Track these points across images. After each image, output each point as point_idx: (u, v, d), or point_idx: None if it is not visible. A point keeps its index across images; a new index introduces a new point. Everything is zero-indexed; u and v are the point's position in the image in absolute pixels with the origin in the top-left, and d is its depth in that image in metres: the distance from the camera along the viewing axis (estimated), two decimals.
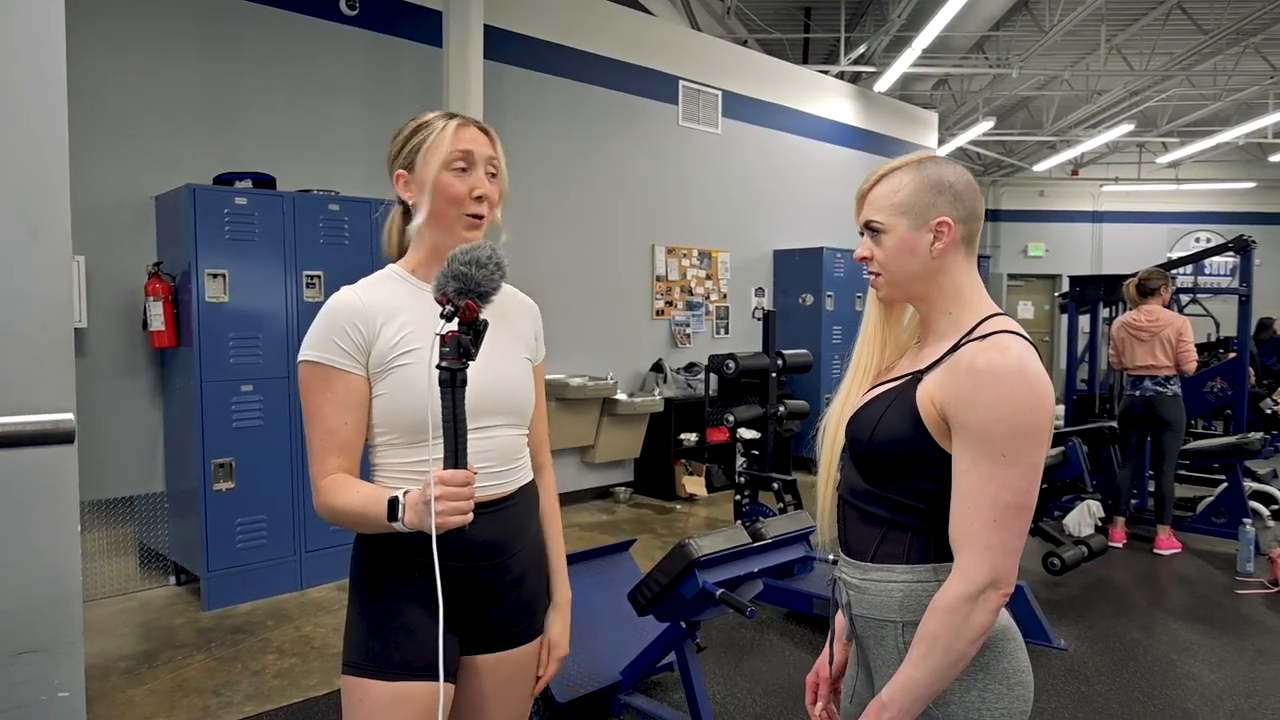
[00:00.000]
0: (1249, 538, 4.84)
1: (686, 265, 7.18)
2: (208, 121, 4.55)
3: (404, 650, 1.38)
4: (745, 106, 7.65)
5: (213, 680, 3.32)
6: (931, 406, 1.22)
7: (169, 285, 4.13)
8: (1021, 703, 1.25)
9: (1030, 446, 1.15)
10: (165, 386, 4.38)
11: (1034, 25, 8.86)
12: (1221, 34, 8.89)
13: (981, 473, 1.16)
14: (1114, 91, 10.98)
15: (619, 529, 5.69)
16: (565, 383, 5.88)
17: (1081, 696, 3.27)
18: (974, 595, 1.15)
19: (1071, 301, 6.74)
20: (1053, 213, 15.60)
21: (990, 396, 1.15)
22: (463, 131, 1.43)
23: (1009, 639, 1.26)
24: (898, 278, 1.31)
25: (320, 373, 1.38)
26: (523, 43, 5.94)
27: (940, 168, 1.30)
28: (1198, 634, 3.91)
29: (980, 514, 1.16)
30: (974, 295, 1.30)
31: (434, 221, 1.43)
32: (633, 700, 2.99)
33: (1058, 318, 14.98)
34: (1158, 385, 5.15)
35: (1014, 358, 1.17)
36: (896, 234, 1.29)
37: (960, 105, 11.80)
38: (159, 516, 4.43)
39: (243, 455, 4.13)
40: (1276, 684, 3.39)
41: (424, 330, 1.39)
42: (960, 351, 1.22)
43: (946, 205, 1.28)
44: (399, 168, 1.46)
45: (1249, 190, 15.11)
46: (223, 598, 4.09)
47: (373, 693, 1.37)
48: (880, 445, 1.26)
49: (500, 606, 1.48)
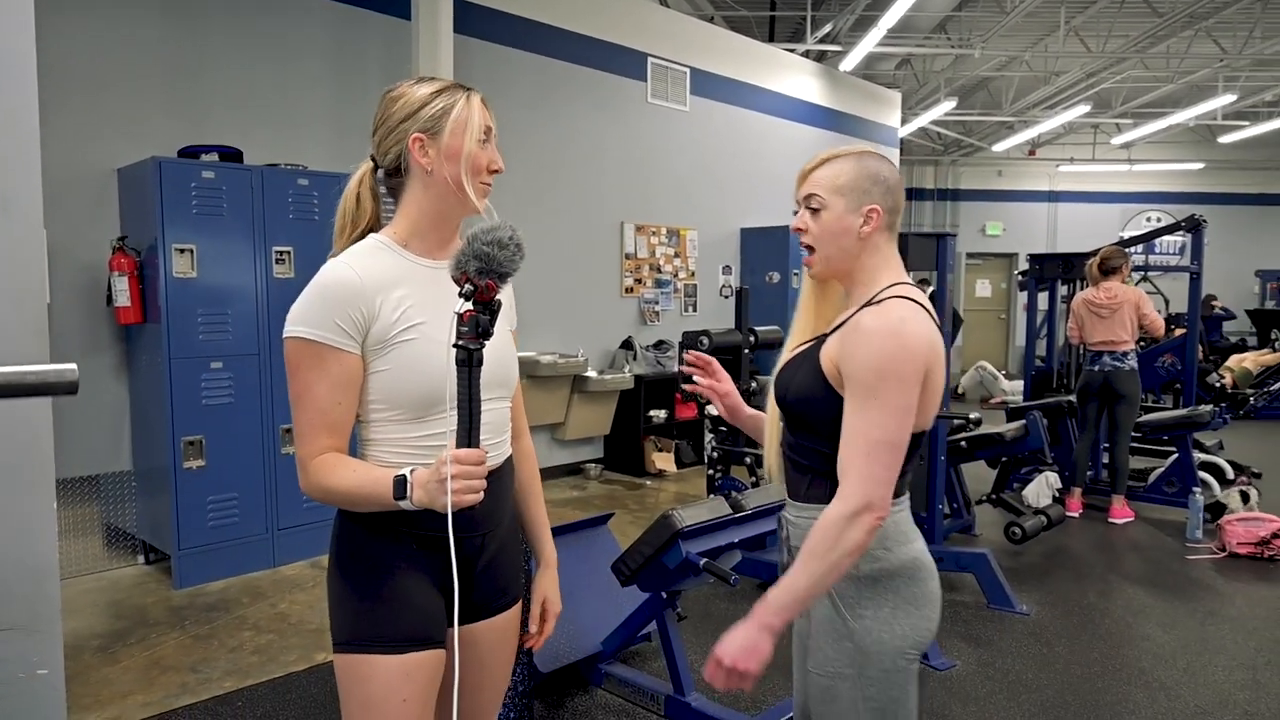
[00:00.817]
0: (1198, 506, 5.03)
1: (655, 243, 7.20)
2: (170, 92, 4.45)
3: (408, 622, 1.38)
4: (713, 84, 7.66)
5: (189, 657, 3.30)
6: (831, 364, 1.41)
7: (134, 260, 4.05)
8: (927, 622, 1.46)
9: (895, 390, 1.34)
10: (131, 363, 4.31)
11: (995, 6, 8.98)
12: (1175, 17, 9.09)
13: (857, 412, 1.36)
14: (1071, 73, 11.18)
15: (590, 505, 5.74)
16: (536, 360, 5.88)
17: (1043, 658, 3.40)
18: (850, 516, 1.33)
19: (1031, 279, 6.90)
20: (1010, 192, 15.85)
21: (865, 347, 1.36)
22: (484, 105, 1.44)
23: (922, 568, 1.47)
24: (829, 253, 1.49)
25: (315, 351, 1.33)
26: (492, 16, 5.88)
27: (878, 163, 1.50)
28: (1151, 597, 4.08)
29: (857, 448, 1.35)
30: (886, 271, 1.49)
31: (447, 191, 1.40)
32: (613, 669, 3.04)
33: (1015, 295, 15.31)
34: (1115, 360, 5.31)
35: (895, 317, 1.37)
36: (834, 212, 1.47)
37: (922, 85, 11.91)
38: (126, 495, 4.37)
39: (213, 433, 4.08)
40: (1225, 642, 3.55)
41: (425, 305, 1.38)
42: (856, 315, 1.42)
43: (879, 195, 1.47)
44: (418, 130, 1.38)
45: (1198, 171, 15.50)
46: (194, 576, 4.06)
47: (380, 668, 1.36)
48: (795, 401, 1.46)
49: (483, 576, 1.49)
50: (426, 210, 1.42)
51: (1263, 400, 9.71)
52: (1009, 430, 4.82)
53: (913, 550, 1.46)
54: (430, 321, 1.38)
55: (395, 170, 1.43)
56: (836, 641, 1.44)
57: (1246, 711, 2.97)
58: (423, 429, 1.39)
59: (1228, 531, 4.74)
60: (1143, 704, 3.02)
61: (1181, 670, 3.29)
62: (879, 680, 1.42)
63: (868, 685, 1.42)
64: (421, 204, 1.42)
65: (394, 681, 1.37)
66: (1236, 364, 10.33)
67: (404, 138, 1.39)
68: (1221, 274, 13.12)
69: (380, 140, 1.43)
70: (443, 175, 1.39)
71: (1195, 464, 5.49)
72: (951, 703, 3.03)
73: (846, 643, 1.43)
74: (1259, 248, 15.49)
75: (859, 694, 1.42)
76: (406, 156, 1.40)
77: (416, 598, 1.40)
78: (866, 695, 1.42)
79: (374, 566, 1.40)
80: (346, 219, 1.47)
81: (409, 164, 1.41)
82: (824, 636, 1.46)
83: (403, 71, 5.25)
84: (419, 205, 1.42)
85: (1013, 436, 4.76)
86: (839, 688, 1.43)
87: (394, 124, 1.41)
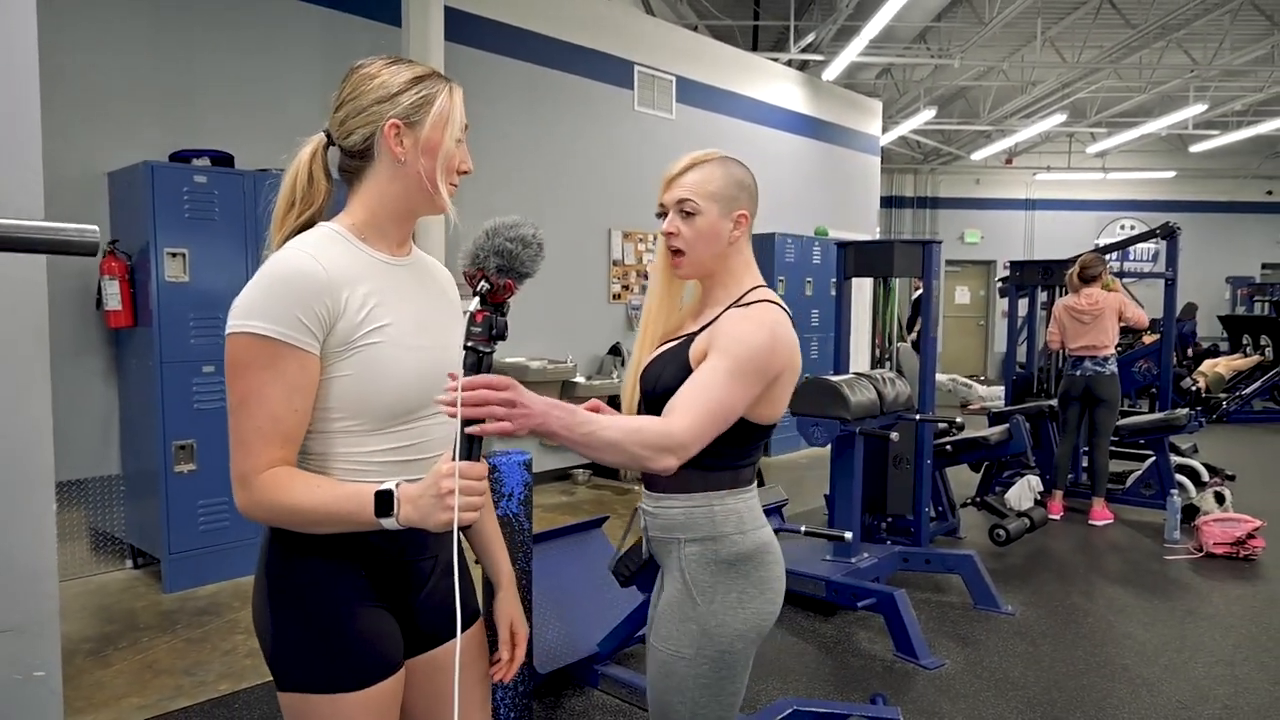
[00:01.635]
0: (1176, 508, 5.14)
1: (643, 249, 7.25)
2: (161, 96, 4.44)
3: (368, 656, 1.28)
4: (699, 92, 7.73)
5: (182, 661, 3.30)
6: (701, 359, 1.47)
7: (125, 264, 4.04)
8: (770, 604, 1.53)
9: (754, 377, 1.42)
10: (121, 367, 4.29)
11: (974, 17, 9.13)
12: (1148, 28, 9.28)
13: (717, 379, 1.40)
14: (1047, 83, 11.38)
15: (579, 510, 5.77)
16: (525, 365, 5.91)
17: (1030, 656, 3.47)
18: (668, 447, 1.35)
19: (1012, 285, 7.02)
20: (988, 200, 16.08)
21: (735, 329, 1.45)
22: (457, 98, 1.34)
23: (768, 553, 1.54)
24: (700, 257, 1.54)
25: (270, 349, 1.17)
26: (482, 24, 5.91)
27: (740, 169, 1.59)
28: (1132, 597, 4.17)
29: (703, 403, 1.39)
30: (748, 274, 1.59)
31: (417, 186, 1.30)
32: (609, 670, 3.08)
33: (994, 302, 15.51)
34: (1097, 365, 5.42)
35: (769, 318, 1.47)
36: (708, 218, 1.53)
37: (902, 94, 12.07)
38: (114, 499, 4.34)
39: (204, 437, 4.07)
40: (1204, 639, 3.64)
41: (388, 305, 1.27)
42: (725, 314, 1.50)
43: (746, 201, 1.57)
44: (395, 116, 1.27)
45: (1171, 179, 15.80)
46: (184, 580, 4.05)
47: (343, 706, 1.25)
48: (662, 394, 1.48)
49: (431, 595, 1.37)
50: (389, 202, 1.31)
51: (1235, 404, 9.91)
52: (993, 434, 4.91)
53: (764, 535, 1.55)
54: (395, 323, 1.27)
55: (358, 154, 1.29)
56: (682, 622, 1.49)
57: (1226, 706, 3.05)
58: (382, 442, 1.27)
59: (1204, 532, 4.85)
60: (1126, 700, 3.09)
61: (1163, 667, 3.37)
62: (714, 660, 1.48)
63: (703, 664, 1.48)
64: (385, 195, 1.30)
65: (357, 717, 1.27)
66: (1210, 369, 10.54)
67: (378, 120, 1.27)
68: (1194, 281, 13.35)
69: (345, 118, 1.29)
70: (415, 169, 1.28)
71: (1172, 467, 5.61)
72: (941, 700, 3.09)
73: (691, 624, 1.48)
74: (1229, 255, 15.81)
75: (693, 672, 1.49)
76: (379, 141, 1.28)
77: (372, 627, 1.29)
78: (699, 673, 1.49)
79: (321, 599, 1.26)
80: (296, 197, 1.31)
81: (379, 149, 1.28)
82: (671, 615, 1.51)
83: None
84: (382, 196, 1.30)
85: (997, 440, 4.85)
86: (676, 665, 1.49)
87: (366, 104, 1.28)
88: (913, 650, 3.39)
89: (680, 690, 1.50)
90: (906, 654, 3.41)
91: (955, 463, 5.09)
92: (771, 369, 1.45)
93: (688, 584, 1.50)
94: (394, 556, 1.31)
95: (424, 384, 1.28)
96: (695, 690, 1.49)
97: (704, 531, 1.51)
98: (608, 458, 1.35)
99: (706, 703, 1.50)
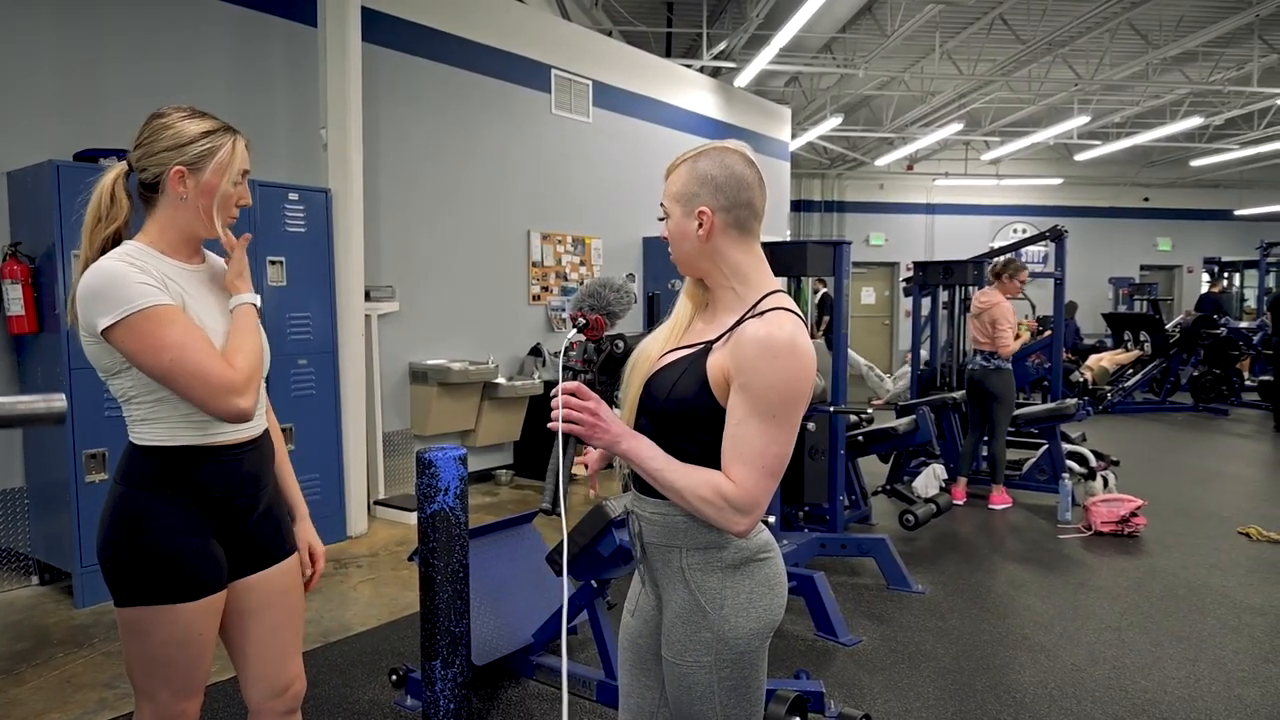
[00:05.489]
0: (1067, 491, 5.53)
1: (561, 251, 7.32)
2: (63, 93, 4.29)
3: (203, 574, 1.63)
4: (615, 97, 7.85)
5: (103, 674, 3.21)
6: (720, 375, 1.43)
7: (28, 267, 3.89)
8: (779, 599, 1.53)
9: (796, 409, 1.41)
10: (23, 374, 4.12)
11: (877, 29, 9.54)
12: (1036, 44, 9.88)
13: (755, 427, 1.38)
14: (945, 93, 11.95)
15: (503, 510, 5.79)
16: (447, 367, 5.90)
17: (939, 630, 3.70)
18: (733, 507, 1.39)
19: (916, 285, 7.35)
20: (891, 204, 16.74)
21: (767, 367, 1.37)
22: (247, 151, 1.69)
23: (770, 550, 1.53)
24: (678, 256, 1.53)
25: (170, 312, 1.54)
26: (400, 26, 5.89)
27: (711, 160, 1.48)
28: (1030, 573, 4.47)
29: (755, 465, 1.38)
30: (755, 273, 1.49)
31: (196, 217, 1.64)
32: (544, 660, 3.14)
33: (898, 302, 16.14)
34: (983, 360, 5.74)
35: (787, 334, 1.39)
36: (674, 219, 1.51)
37: (810, 102, 12.48)
38: (17, 513, 4.17)
39: (116, 445, 3.91)
40: (1095, 608, 3.95)
41: (198, 298, 1.65)
42: (743, 326, 1.42)
43: (708, 196, 1.46)
44: (180, 163, 1.60)
45: (1058, 186, 16.78)
46: (98, 594, 3.91)
47: (181, 614, 1.60)
48: (672, 404, 1.47)
49: (259, 528, 1.75)
50: (176, 228, 1.65)
51: (1118, 395, 10.60)
52: (901, 425, 5.17)
53: (765, 533, 1.55)
54: (203, 314, 1.63)
55: (150, 186, 1.63)
56: (695, 633, 1.48)
57: (1114, 666, 3.33)
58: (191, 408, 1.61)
59: (1092, 512, 5.23)
60: (1027, 665, 3.34)
61: (1058, 635, 3.64)
62: (734, 663, 1.48)
63: (724, 669, 1.48)
64: (173, 222, 1.65)
65: (193, 620, 1.62)
66: (1095, 363, 11.24)
67: (166, 166, 1.60)
68: (1078, 281, 14.19)
69: (141, 157, 1.62)
70: (195, 204, 1.63)
71: (1063, 454, 6.00)
72: (860, 674, 3.27)
73: (705, 633, 1.47)
74: (1111, 256, 16.88)
75: (714, 678, 1.48)
76: (165, 181, 1.61)
77: (203, 550, 1.63)
78: (722, 678, 1.48)
79: (163, 530, 1.60)
80: (102, 213, 1.63)
81: (166, 187, 1.62)
82: (682, 627, 1.49)
83: (307, 79, 5.20)
84: (170, 222, 1.65)
85: (905, 431, 5.11)
86: (697, 675, 1.48)
87: (156, 150, 1.61)
88: (832, 629, 3.58)
89: (706, 699, 1.49)
90: (826, 633, 3.59)
91: (866, 453, 5.34)
92: (809, 387, 1.42)
93: (694, 593, 1.48)
94: (218, 495, 1.66)
95: None
96: (721, 695, 1.49)
97: (708, 538, 1.48)
98: (673, 500, 1.44)
99: (735, 704, 1.50)
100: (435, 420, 5.98)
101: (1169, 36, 9.89)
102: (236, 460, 1.69)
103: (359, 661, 3.38)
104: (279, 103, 5.17)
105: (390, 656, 3.40)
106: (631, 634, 1.67)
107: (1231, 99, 11.78)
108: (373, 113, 5.52)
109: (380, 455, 5.71)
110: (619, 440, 1.46)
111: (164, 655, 1.62)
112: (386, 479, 5.82)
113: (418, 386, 5.98)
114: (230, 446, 1.68)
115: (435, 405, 5.92)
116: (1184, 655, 3.43)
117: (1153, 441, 8.61)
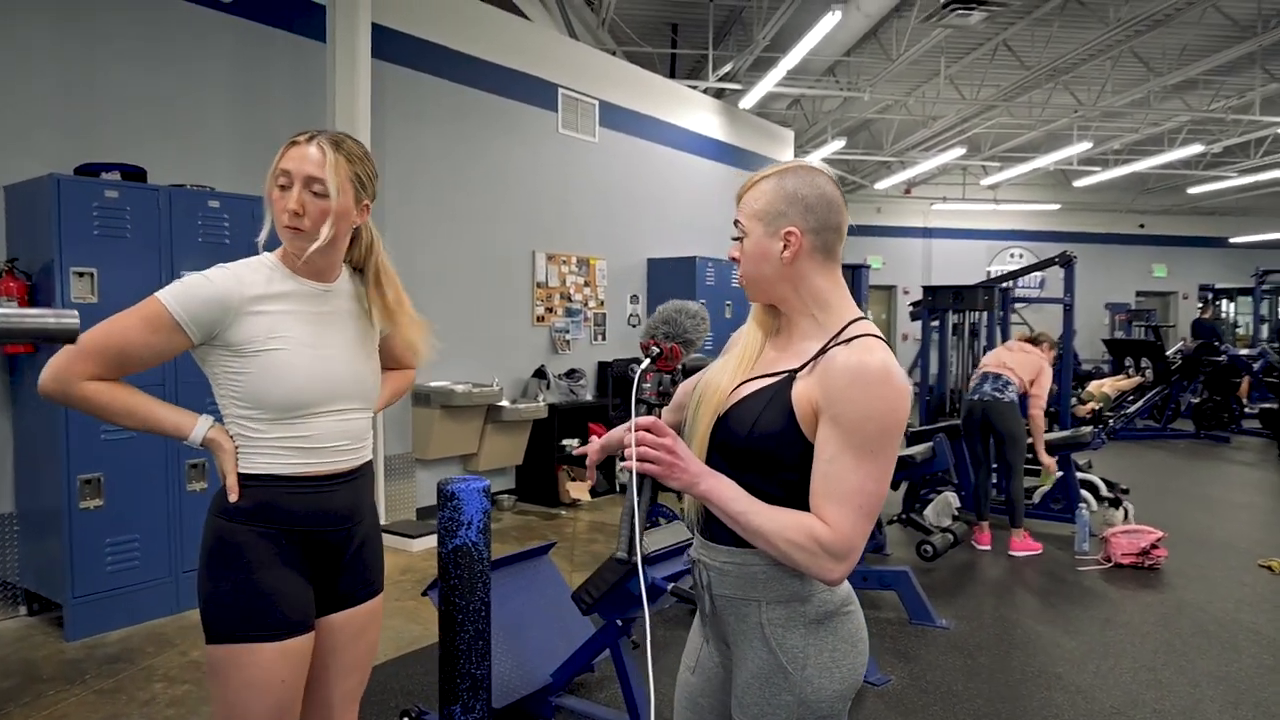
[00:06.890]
0: (1085, 521, 5.41)
1: (566, 272, 7.21)
2: (63, 106, 4.16)
3: (285, 612, 1.55)
4: (621, 117, 7.78)
5: (97, 714, 3.04)
6: (807, 405, 1.30)
7: (24, 284, 3.75)
8: (862, 657, 1.40)
9: (893, 443, 1.28)
10: (15, 395, 3.97)
11: (882, 53, 9.52)
12: (1039, 70, 9.90)
13: (849, 463, 1.26)
14: (947, 118, 11.96)
15: (506, 537, 5.64)
16: (450, 390, 5.76)
17: (969, 669, 3.56)
18: (828, 553, 1.25)
19: (924, 310, 7.28)
20: (889, 228, 16.75)
21: (861, 396, 1.25)
22: (291, 150, 1.56)
23: (853, 603, 1.41)
24: (754, 279, 1.41)
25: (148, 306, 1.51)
26: (409, 43, 5.80)
27: (799, 179, 1.36)
28: (1053, 607, 4.35)
29: (853, 504, 1.26)
30: (837, 300, 1.38)
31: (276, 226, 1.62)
32: (564, 701, 3.00)
33: (897, 325, 16.10)
34: (994, 390, 5.35)
35: (879, 361, 1.27)
36: (753, 239, 1.38)
37: (812, 124, 12.47)
38: (5, 540, 3.99)
39: (113, 470, 3.79)
40: (1125, 646, 3.82)
41: (303, 318, 1.60)
42: (830, 354, 1.30)
43: (797, 216, 1.34)
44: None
45: (1056, 211, 16.83)
46: (90, 626, 3.74)
47: (261, 655, 1.53)
48: (757, 440, 1.33)
49: (350, 567, 1.69)
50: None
51: (1120, 422, 10.53)
52: (918, 452, 5.05)
53: (848, 585, 1.43)
54: (302, 335, 1.58)
55: None
56: (774, 695, 1.35)
57: (1155, 710, 3.20)
58: (284, 430, 1.57)
59: (1112, 544, 5.11)
60: (1065, 708, 3.21)
61: (1092, 674, 3.51)
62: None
63: None
64: None
65: (274, 665, 1.53)
66: (1096, 389, 11.17)
67: None
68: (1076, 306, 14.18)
69: None
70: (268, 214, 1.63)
71: (1078, 483, 5.89)
72: (891, 717, 3.13)
73: (786, 695, 1.34)
74: (1107, 282, 16.92)
75: None
76: None
77: (290, 588, 1.56)
78: None
79: (249, 563, 1.54)
80: None
81: None
82: (759, 688, 1.36)
83: (313, 94, 5.10)
84: None
85: (922, 458, 5.00)
86: None
87: None
88: None
89: None
90: None
91: None
92: (904, 423, 1.30)
93: (774, 651, 1.35)
94: (307, 529, 1.59)
95: (314, 384, 1.58)
96: None
97: (790, 590, 1.35)
98: (759, 545, 1.30)
99: None
100: (437, 444, 5.83)
101: (1171, 64, 9.92)
102: (329, 492, 1.63)
103: (368, 699, 3.20)
104: (282, 117, 5.04)
105: (400, 696, 3.24)
106: (692, 692, 1.53)
107: (1230, 127, 11.83)
108: (379, 128, 5.41)
109: (382, 479, 5.55)
110: (698, 480, 1.32)
111: (241, 703, 1.52)
112: (388, 504, 5.66)
113: (420, 409, 5.84)
114: (322, 477, 1.62)
115: (438, 428, 5.78)
116: (1225, 698, 3.31)
117: (1157, 469, 8.53)
